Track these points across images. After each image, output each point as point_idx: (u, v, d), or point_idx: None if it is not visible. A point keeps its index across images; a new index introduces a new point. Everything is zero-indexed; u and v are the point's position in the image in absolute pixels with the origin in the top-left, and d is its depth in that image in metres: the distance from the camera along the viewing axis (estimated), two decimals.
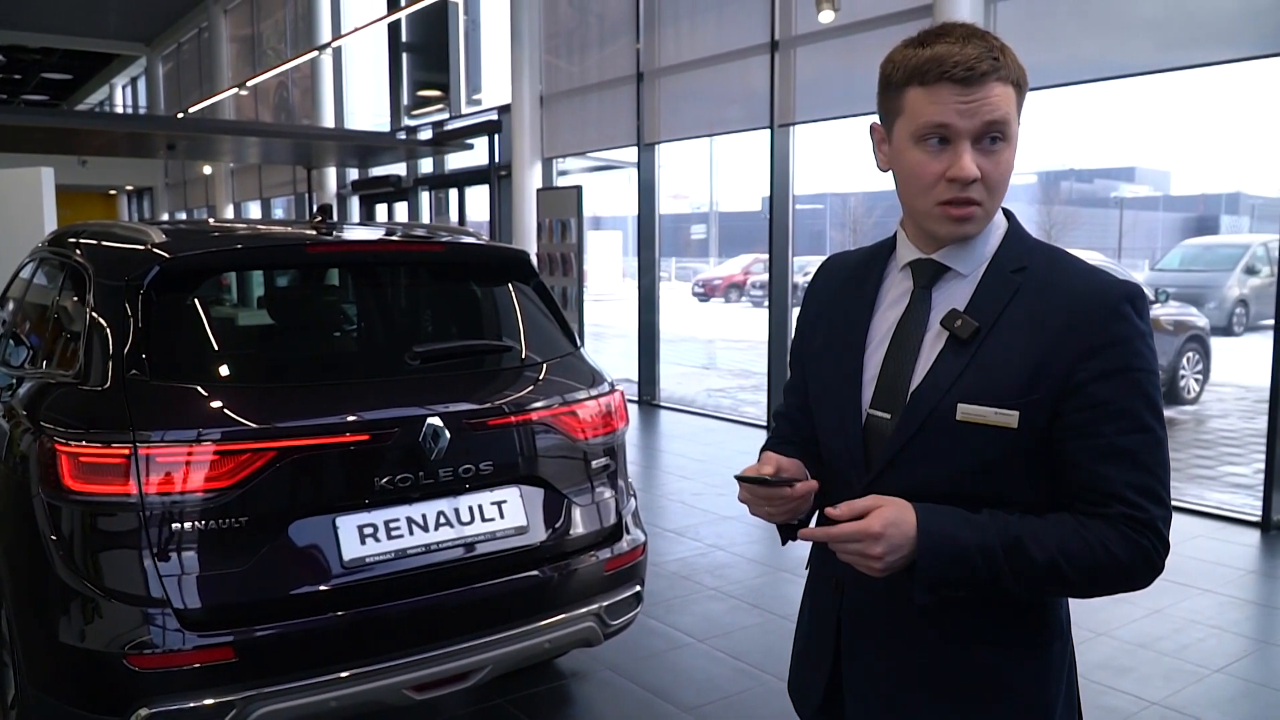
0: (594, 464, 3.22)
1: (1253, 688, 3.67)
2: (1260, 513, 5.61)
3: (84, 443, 2.50)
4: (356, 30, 13.80)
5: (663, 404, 10.05)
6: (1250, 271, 14.55)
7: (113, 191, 27.56)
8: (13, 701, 2.87)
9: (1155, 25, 5.96)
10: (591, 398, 3.25)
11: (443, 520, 2.84)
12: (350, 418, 2.75)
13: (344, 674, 2.58)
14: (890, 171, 1.41)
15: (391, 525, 2.76)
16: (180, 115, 19.35)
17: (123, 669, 2.40)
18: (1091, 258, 10.47)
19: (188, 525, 2.50)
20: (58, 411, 2.69)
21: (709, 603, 4.54)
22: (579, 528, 3.12)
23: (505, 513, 2.95)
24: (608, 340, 14.41)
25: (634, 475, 7.29)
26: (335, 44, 14.94)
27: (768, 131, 8.36)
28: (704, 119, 9.29)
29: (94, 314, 2.85)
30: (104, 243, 3.25)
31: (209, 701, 2.42)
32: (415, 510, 2.81)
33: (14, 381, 3.25)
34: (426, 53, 14.57)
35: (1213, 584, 4.70)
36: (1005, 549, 1.27)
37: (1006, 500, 1.33)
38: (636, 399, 10.11)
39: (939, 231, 1.37)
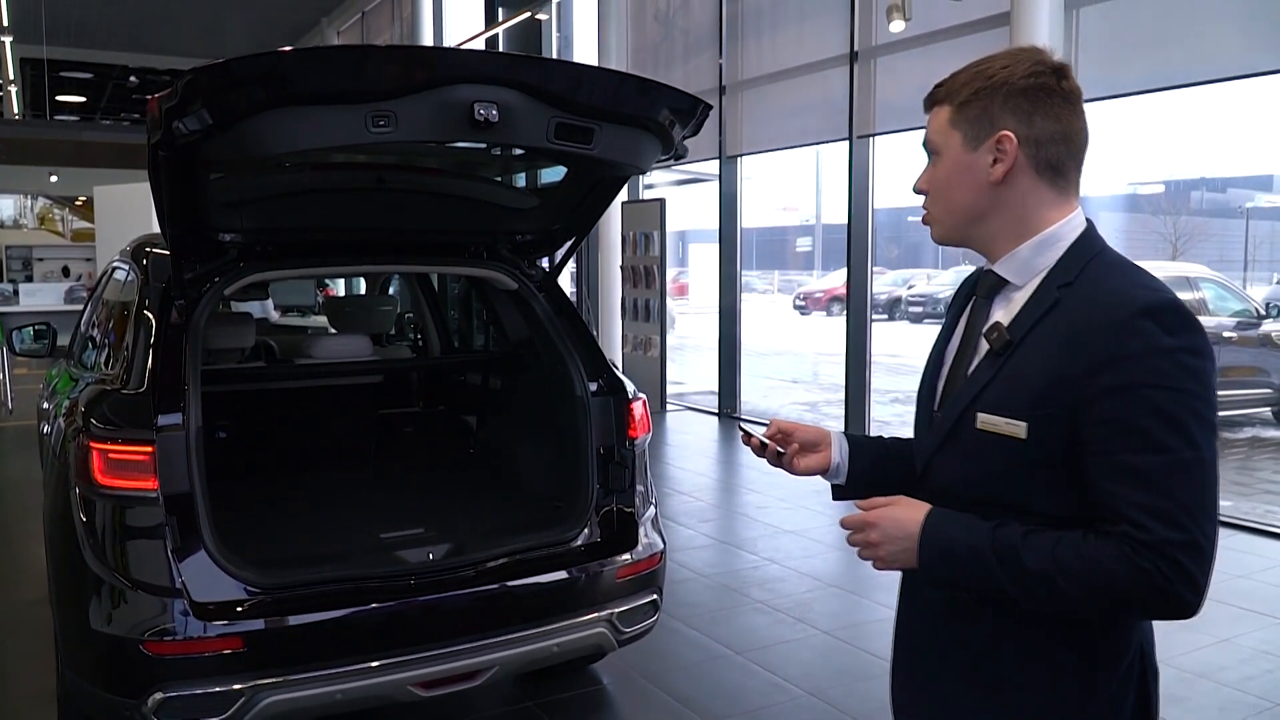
0: None
1: None
2: None
3: (115, 441, 2.65)
4: (457, 47, 14.20)
5: (743, 418, 9.99)
6: None
7: None
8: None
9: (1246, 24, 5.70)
10: None
11: None
12: None
13: (351, 667, 2.66)
14: None
15: None
16: None
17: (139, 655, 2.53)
18: (1199, 272, 10.04)
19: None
20: (101, 409, 2.85)
21: (753, 615, 4.51)
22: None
23: None
24: (697, 352, 14.40)
25: (703, 487, 7.27)
26: None
27: (845, 143, 8.28)
28: (784, 131, 9.24)
29: (141, 316, 3.02)
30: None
31: (219, 689, 2.53)
32: None
33: (80, 381, 3.46)
34: None
35: None
36: (999, 553, 1.31)
37: (1033, 511, 1.35)
38: (716, 411, 10.09)
39: None
